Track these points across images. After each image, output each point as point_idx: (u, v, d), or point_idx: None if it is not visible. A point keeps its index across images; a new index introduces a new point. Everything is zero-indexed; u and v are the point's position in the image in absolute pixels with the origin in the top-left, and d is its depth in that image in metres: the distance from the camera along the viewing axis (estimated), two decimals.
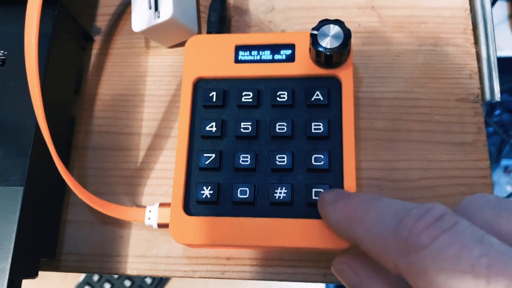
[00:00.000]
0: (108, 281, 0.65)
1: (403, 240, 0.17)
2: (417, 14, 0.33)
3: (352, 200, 0.22)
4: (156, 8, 0.31)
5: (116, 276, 0.65)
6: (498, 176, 0.95)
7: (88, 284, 0.65)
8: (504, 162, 0.95)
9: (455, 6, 0.33)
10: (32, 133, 0.27)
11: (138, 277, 0.64)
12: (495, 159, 0.93)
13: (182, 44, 0.34)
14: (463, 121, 0.30)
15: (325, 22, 0.27)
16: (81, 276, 0.65)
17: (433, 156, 0.30)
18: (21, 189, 0.26)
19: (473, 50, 0.32)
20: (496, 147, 0.92)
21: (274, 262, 0.29)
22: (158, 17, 0.30)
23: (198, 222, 0.27)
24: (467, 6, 0.33)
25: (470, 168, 0.30)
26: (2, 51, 0.29)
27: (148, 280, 0.65)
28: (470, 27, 0.32)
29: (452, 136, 0.30)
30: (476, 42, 0.32)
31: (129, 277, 0.65)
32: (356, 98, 0.31)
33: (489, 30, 0.32)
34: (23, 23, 0.28)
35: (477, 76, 0.31)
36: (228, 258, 0.29)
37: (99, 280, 0.65)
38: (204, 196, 0.27)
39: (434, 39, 0.32)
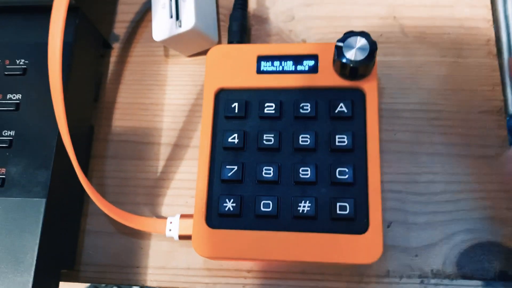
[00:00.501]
0: (117, 285, 0.64)
1: None
2: (440, 24, 0.32)
3: None
4: (178, 17, 0.30)
5: None
6: None
7: None
8: None
9: (478, 17, 0.32)
10: (54, 144, 0.27)
11: None
12: None
13: (201, 53, 0.33)
14: (486, 133, 0.30)
15: (350, 34, 0.27)
16: None
17: (456, 169, 0.30)
18: (43, 201, 0.26)
19: (496, 62, 0.31)
20: None
21: (295, 275, 0.29)
22: (180, 26, 0.30)
23: (220, 236, 0.27)
24: (490, 17, 0.32)
25: (493, 181, 0.29)
26: (23, 60, 0.29)
27: None
28: (493, 38, 0.32)
29: (475, 149, 0.30)
30: (499, 53, 0.32)
31: None
32: (379, 110, 0.31)
33: None
34: (43, 32, 0.28)
35: (500, 88, 0.31)
36: (249, 271, 0.29)
37: (106, 285, 0.64)
38: (226, 209, 0.27)
39: (456, 50, 0.32)
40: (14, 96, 0.28)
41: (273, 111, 0.29)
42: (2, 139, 0.27)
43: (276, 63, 0.29)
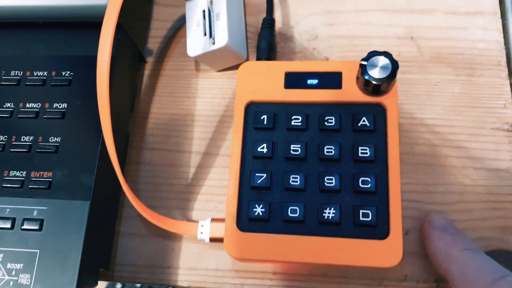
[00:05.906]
0: (149, 285, 0.66)
1: None
2: (454, 45, 0.35)
3: (457, 240, 0.27)
4: (211, 35, 0.33)
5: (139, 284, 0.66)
6: None
7: None
8: None
9: (490, 39, 0.34)
10: (97, 150, 0.29)
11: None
12: None
13: (230, 68, 0.36)
14: (498, 148, 0.32)
15: (374, 53, 0.29)
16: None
17: (470, 181, 0.32)
18: (87, 203, 0.28)
19: (507, 82, 0.34)
20: None
21: (318, 278, 0.30)
22: (213, 43, 0.32)
23: (250, 238, 0.28)
24: (502, 39, 0.34)
25: (505, 193, 0.31)
26: (68, 72, 0.31)
27: None
28: (504, 59, 0.34)
29: (488, 162, 0.32)
30: (510, 74, 0.34)
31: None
32: None
33: None
34: (86, 46, 0.31)
35: (511, 106, 0.33)
36: (274, 273, 0.31)
37: (123, 286, 0.66)
38: (256, 214, 0.29)
39: (470, 70, 0.34)
40: (60, 105, 0.30)
41: (300, 124, 0.31)
42: (49, 145, 0.30)
43: (303, 79, 0.32)
